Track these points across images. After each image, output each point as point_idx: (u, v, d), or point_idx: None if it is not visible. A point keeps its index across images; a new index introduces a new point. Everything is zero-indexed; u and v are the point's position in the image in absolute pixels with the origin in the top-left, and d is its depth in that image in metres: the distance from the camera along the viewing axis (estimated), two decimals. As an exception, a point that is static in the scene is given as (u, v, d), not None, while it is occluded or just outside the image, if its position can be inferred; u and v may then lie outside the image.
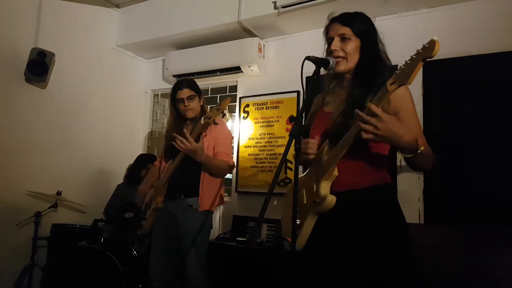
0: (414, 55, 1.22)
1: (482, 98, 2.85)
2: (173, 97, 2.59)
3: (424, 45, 1.20)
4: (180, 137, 2.29)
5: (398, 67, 1.29)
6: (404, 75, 1.24)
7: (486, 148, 2.79)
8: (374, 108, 1.27)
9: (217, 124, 2.49)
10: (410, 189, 2.99)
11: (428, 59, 1.20)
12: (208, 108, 2.64)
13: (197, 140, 2.32)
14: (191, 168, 2.43)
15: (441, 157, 2.93)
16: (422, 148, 1.34)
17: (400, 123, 1.34)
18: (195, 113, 2.57)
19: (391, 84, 1.27)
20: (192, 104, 2.54)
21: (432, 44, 1.18)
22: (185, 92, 2.53)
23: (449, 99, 3.00)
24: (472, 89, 2.90)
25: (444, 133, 2.96)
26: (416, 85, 3.03)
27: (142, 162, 3.81)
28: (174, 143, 2.34)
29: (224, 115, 2.45)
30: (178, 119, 2.62)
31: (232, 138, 2.71)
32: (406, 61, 1.25)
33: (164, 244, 2.52)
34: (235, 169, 3.72)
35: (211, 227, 2.62)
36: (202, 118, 2.35)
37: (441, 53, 3.21)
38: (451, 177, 2.90)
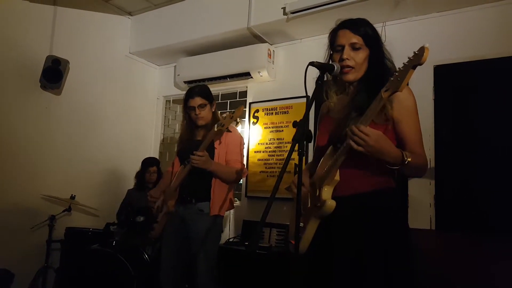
0: (406, 62, 1.23)
1: (494, 102, 2.80)
2: (185, 104, 2.62)
3: (414, 52, 1.21)
4: (195, 156, 2.35)
5: None
6: (397, 82, 1.25)
7: (499, 153, 2.74)
8: (363, 128, 1.31)
9: (230, 131, 2.51)
10: (421, 194, 2.96)
11: (419, 65, 1.21)
12: (220, 114, 2.68)
13: (209, 147, 2.36)
14: (202, 173, 2.45)
15: (453, 163, 2.89)
16: (410, 159, 1.37)
17: (387, 138, 1.36)
18: (206, 121, 2.60)
19: (385, 91, 1.29)
20: (203, 112, 2.57)
21: (421, 51, 1.19)
22: (197, 101, 2.55)
23: (461, 104, 2.95)
24: (485, 94, 2.86)
25: (456, 138, 2.91)
26: (427, 90, 3.02)
27: (144, 166, 3.88)
28: (185, 149, 2.37)
29: (237, 123, 2.47)
30: (191, 125, 2.65)
31: (243, 143, 2.73)
32: (399, 68, 1.26)
33: (174, 248, 2.54)
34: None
35: (221, 231, 2.64)
36: (216, 125, 2.38)
37: (452, 57, 3.18)
38: (463, 183, 2.85)
